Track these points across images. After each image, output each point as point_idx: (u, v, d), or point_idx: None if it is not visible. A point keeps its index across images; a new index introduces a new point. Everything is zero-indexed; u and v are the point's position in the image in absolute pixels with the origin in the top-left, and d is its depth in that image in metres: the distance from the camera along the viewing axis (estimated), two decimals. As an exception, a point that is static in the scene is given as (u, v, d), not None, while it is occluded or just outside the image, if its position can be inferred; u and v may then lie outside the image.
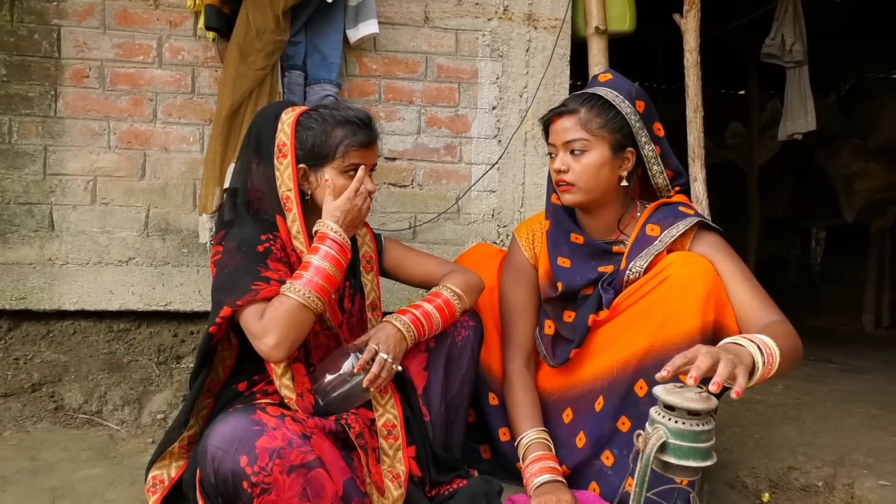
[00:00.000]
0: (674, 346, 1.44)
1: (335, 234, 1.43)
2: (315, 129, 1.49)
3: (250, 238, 1.44)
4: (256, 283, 1.36)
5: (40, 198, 2.27)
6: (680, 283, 1.46)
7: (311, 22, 2.24)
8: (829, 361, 3.46)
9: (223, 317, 1.35)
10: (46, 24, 2.24)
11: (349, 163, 1.49)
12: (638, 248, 1.57)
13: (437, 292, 1.60)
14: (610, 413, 1.54)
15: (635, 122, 1.56)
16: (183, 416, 1.46)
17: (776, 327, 1.36)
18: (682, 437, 1.04)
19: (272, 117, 1.53)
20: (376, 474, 1.41)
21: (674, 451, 1.04)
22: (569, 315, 1.64)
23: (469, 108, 2.52)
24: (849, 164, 4.98)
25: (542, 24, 2.54)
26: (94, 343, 2.33)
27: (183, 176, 2.34)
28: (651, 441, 1.04)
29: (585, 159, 1.56)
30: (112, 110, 2.29)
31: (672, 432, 1.04)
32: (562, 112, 1.59)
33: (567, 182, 1.58)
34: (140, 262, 2.32)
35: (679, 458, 1.04)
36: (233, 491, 1.19)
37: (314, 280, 1.37)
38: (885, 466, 1.86)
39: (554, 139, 1.61)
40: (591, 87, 1.62)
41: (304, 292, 1.35)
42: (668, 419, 1.05)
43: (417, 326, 1.51)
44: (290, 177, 1.48)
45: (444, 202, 2.51)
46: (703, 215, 1.62)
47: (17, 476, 1.66)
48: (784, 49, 3.83)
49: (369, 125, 1.52)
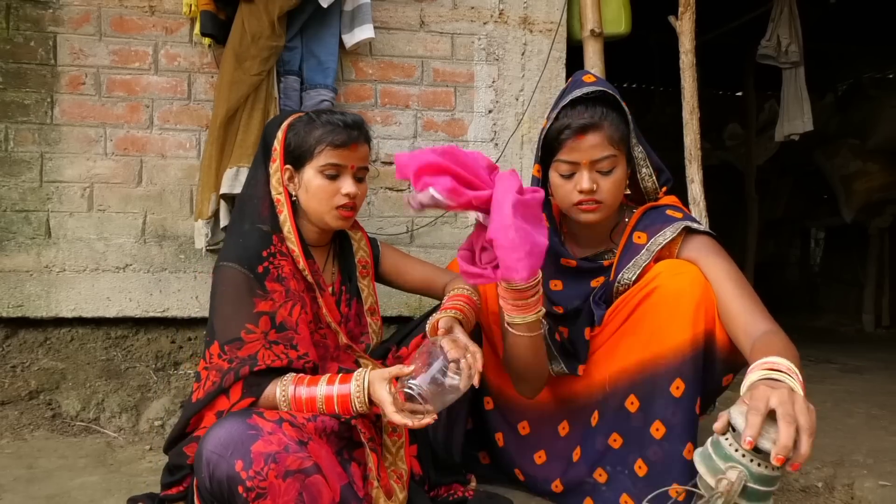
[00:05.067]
0: (664, 360, 1.42)
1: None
2: (298, 130, 1.51)
3: (249, 257, 1.44)
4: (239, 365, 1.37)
5: (37, 205, 2.27)
6: (668, 295, 1.42)
7: (306, 27, 2.25)
8: (828, 362, 3.45)
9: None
10: (42, 31, 2.24)
11: (325, 162, 1.49)
12: (626, 259, 1.53)
13: (462, 294, 1.60)
14: (603, 429, 1.52)
15: (631, 124, 1.53)
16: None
17: (778, 341, 1.26)
18: (763, 482, 1.00)
19: (277, 125, 1.56)
20: (385, 477, 1.41)
21: (749, 494, 1.00)
22: (563, 331, 1.60)
23: (465, 112, 2.52)
24: (847, 165, 4.99)
25: (538, 28, 2.54)
26: (91, 350, 2.32)
27: (180, 182, 2.34)
28: (735, 486, 0.98)
29: (615, 176, 1.47)
30: (108, 117, 2.29)
31: (754, 477, 0.99)
32: (587, 127, 1.45)
33: (595, 201, 1.47)
34: (137, 269, 2.32)
35: (752, 501, 1.00)
36: (228, 495, 1.18)
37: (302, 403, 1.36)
38: (884, 467, 1.86)
39: (577, 157, 1.46)
40: (581, 89, 1.50)
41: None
42: (750, 461, 0.99)
43: (466, 319, 1.53)
44: (279, 180, 1.51)
45: (441, 206, 2.51)
46: (693, 218, 1.56)
47: (14, 484, 1.65)
48: (780, 50, 3.85)
49: (352, 127, 1.51)
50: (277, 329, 1.41)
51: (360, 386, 1.33)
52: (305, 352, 1.43)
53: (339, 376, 1.37)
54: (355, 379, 1.34)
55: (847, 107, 5.26)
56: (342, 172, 1.51)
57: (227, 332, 1.40)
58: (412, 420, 1.28)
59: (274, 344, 1.40)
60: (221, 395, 1.38)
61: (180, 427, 1.43)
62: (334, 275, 1.64)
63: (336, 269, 1.65)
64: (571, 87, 1.54)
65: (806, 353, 3.47)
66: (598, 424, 1.54)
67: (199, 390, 1.41)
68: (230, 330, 1.40)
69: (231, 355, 1.38)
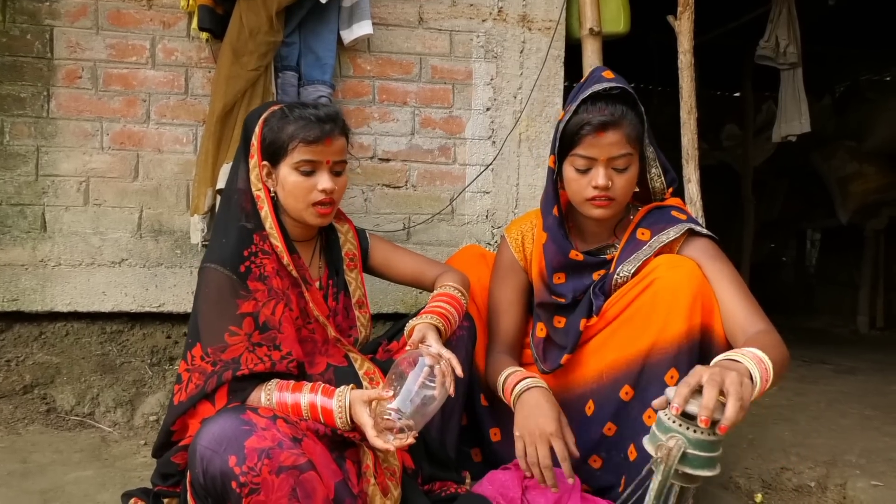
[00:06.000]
0: (659, 350, 1.44)
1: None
2: (273, 125, 1.49)
3: (231, 257, 1.44)
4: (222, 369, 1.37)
5: (32, 199, 2.26)
6: (666, 286, 1.44)
7: (304, 23, 2.24)
8: (822, 362, 3.46)
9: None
10: (39, 24, 2.23)
11: (299, 159, 1.47)
12: (627, 253, 1.55)
13: (446, 292, 1.60)
14: (598, 418, 1.53)
15: (645, 124, 1.54)
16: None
17: (764, 337, 1.33)
18: (701, 447, 1.01)
19: (256, 118, 1.54)
20: (381, 474, 1.41)
21: (691, 461, 1.01)
22: (559, 321, 1.63)
23: (463, 110, 2.52)
24: (843, 166, 5.00)
25: (537, 26, 2.54)
26: (86, 345, 2.32)
27: (176, 177, 2.33)
28: (673, 452, 1.00)
29: (629, 174, 1.50)
30: (105, 111, 2.28)
31: (691, 442, 1.01)
32: (607, 124, 1.46)
33: (609, 197, 1.50)
34: (133, 264, 2.32)
35: (695, 468, 1.01)
36: (221, 491, 1.18)
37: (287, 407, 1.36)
38: (877, 467, 1.86)
39: (596, 153, 1.47)
40: (602, 84, 1.50)
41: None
42: (686, 428, 1.02)
43: (446, 322, 1.53)
44: (257, 176, 1.50)
45: (438, 203, 2.51)
46: (696, 221, 1.59)
47: (8, 478, 1.65)
48: (778, 51, 3.85)
49: (325, 120, 1.47)
50: (261, 330, 1.41)
51: (342, 406, 1.32)
52: (289, 351, 1.42)
53: (321, 386, 1.36)
54: (337, 397, 1.33)
55: (844, 109, 5.27)
56: (318, 168, 1.49)
57: (210, 334, 1.39)
58: (394, 444, 1.27)
59: (257, 346, 1.39)
60: (205, 401, 1.37)
61: (165, 432, 1.43)
62: (321, 269, 1.63)
63: (323, 263, 1.64)
64: (590, 81, 1.54)
65: (800, 354, 3.48)
66: (593, 414, 1.55)
67: (180, 392, 1.40)
68: (213, 332, 1.39)
69: (214, 358, 1.37)
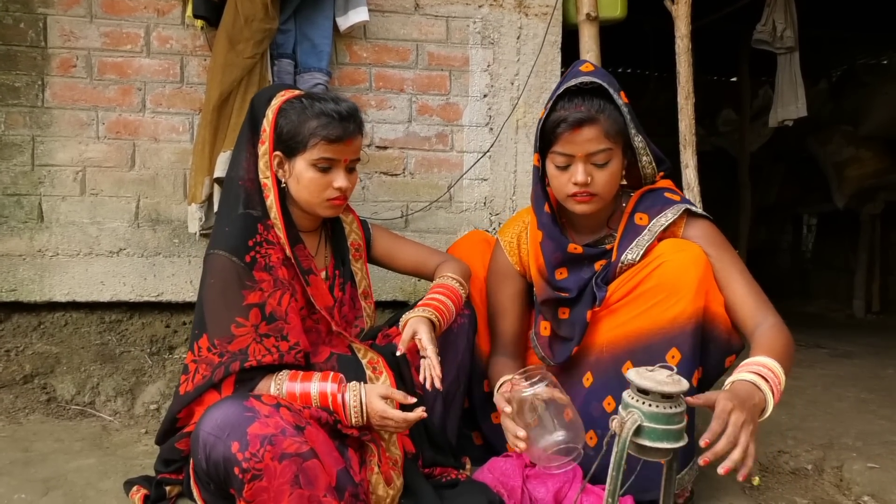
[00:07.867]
0: (662, 329, 1.45)
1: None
2: (292, 117, 1.48)
3: (236, 246, 1.43)
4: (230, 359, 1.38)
5: (29, 189, 2.25)
6: (672, 269, 1.46)
7: (300, 10, 2.22)
8: (819, 347, 3.48)
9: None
10: (32, 12, 2.21)
11: (318, 156, 1.47)
12: (627, 240, 1.56)
13: (444, 283, 1.62)
14: (598, 392, 1.55)
15: (627, 115, 1.52)
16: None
17: (775, 337, 1.36)
18: (657, 420, 1.06)
19: (265, 101, 1.52)
20: (385, 463, 1.43)
21: (648, 433, 1.06)
22: (563, 311, 1.63)
23: (460, 96, 2.51)
24: (840, 151, 5.00)
25: (534, 11, 2.53)
26: (85, 334, 2.32)
27: (173, 166, 2.32)
28: (626, 424, 1.06)
29: (610, 169, 1.50)
30: (100, 100, 2.27)
31: (646, 415, 1.06)
32: (583, 121, 1.46)
33: (589, 193, 1.51)
34: (131, 253, 2.31)
35: (653, 440, 1.06)
36: (224, 477, 1.19)
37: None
38: (873, 449, 1.89)
39: (573, 149, 1.48)
40: (577, 78, 1.51)
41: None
42: (642, 403, 1.07)
43: (441, 314, 1.55)
44: (266, 164, 1.49)
45: (436, 191, 2.51)
46: (690, 200, 1.61)
47: (10, 467, 1.66)
48: (775, 35, 3.84)
49: (347, 119, 1.48)
50: (268, 320, 1.41)
51: (356, 396, 1.38)
52: (296, 341, 1.43)
53: (331, 375, 1.40)
54: (351, 390, 1.38)
55: (841, 93, 5.26)
56: (335, 166, 1.50)
57: (216, 325, 1.40)
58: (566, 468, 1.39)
59: (265, 337, 1.40)
60: (212, 391, 1.38)
61: (169, 420, 1.43)
62: (327, 259, 1.64)
63: (329, 253, 1.64)
64: (568, 76, 1.54)
65: (797, 339, 3.45)
66: (592, 386, 1.57)
67: (186, 383, 1.40)
68: (219, 324, 1.40)
69: (221, 349, 1.38)
